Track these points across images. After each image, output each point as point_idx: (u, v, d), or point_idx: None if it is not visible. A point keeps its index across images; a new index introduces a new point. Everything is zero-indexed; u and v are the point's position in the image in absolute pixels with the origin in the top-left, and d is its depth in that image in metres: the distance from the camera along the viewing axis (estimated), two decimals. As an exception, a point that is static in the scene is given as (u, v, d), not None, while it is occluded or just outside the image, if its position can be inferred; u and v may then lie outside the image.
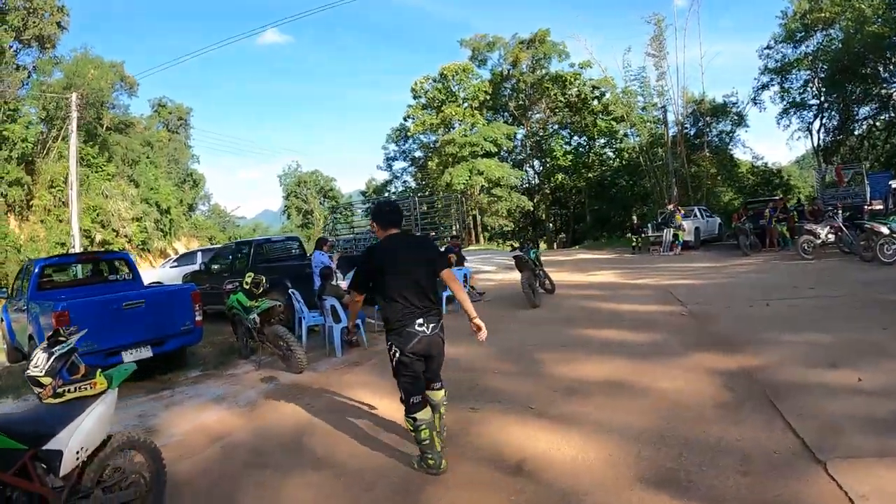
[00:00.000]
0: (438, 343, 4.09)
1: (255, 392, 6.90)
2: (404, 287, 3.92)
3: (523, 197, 42.06)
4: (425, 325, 3.92)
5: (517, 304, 11.05)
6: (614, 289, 12.66)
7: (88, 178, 32.85)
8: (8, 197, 27.67)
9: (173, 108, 53.80)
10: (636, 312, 9.42)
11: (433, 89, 44.12)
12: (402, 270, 3.95)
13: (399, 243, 4.12)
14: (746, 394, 4.88)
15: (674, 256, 19.63)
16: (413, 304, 3.91)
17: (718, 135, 36.08)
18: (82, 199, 30.52)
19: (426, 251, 4.26)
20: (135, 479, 3.52)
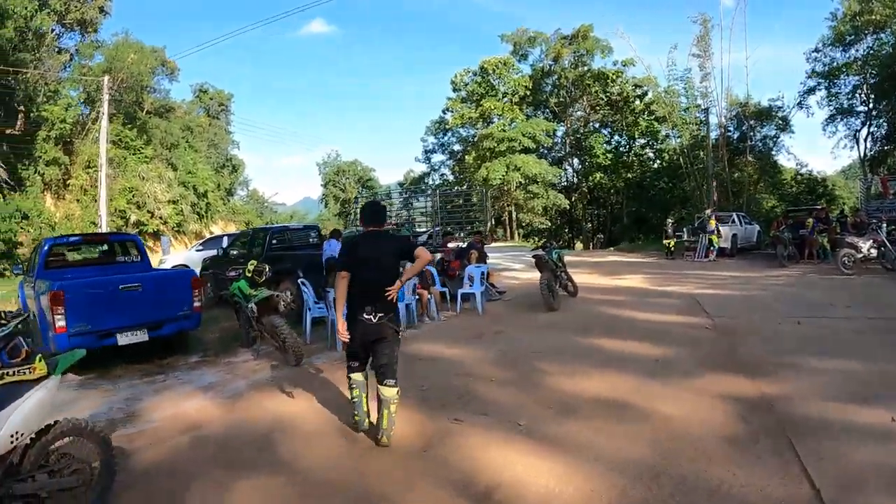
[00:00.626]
0: (385, 332, 4.38)
1: (244, 383, 6.60)
2: (362, 279, 4.36)
3: (560, 195, 41.24)
4: (372, 314, 4.30)
5: (535, 305, 10.53)
6: (639, 295, 12.02)
7: (126, 160, 33.17)
8: (45, 176, 28.02)
9: (214, 93, 54.02)
10: (656, 323, 8.81)
11: (473, 83, 43.51)
12: (363, 265, 4.37)
13: (370, 240, 4.52)
14: (762, 428, 4.30)
15: (708, 263, 18.80)
16: (366, 295, 4.33)
17: (762, 139, 34.63)
18: (119, 180, 31.52)
19: (393, 247, 4.59)
20: (81, 466, 3.42)
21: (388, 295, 4.32)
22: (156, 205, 33.24)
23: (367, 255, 4.40)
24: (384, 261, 4.44)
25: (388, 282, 4.35)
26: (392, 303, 4.41)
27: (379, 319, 4.31)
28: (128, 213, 31.54)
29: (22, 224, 24.42)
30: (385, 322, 4.35)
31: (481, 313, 10.23)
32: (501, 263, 20.34)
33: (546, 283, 10.06)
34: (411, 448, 4.33)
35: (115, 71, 31.05)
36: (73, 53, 31.52)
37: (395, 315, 4.50)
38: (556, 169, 42.55)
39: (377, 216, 4.64)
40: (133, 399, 6.09)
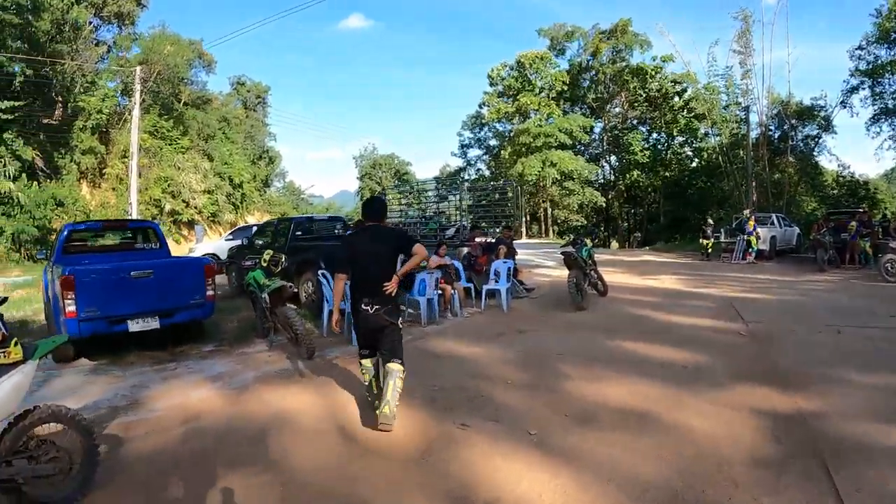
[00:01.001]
0: (383, 323, 4.51)
1: (253, 374, 6.39)
2: (360, 272, 4.57)
3: (596, 192, 40.52)
4: (370, 305, 4.46)
5: (563, 304, 10.14)
6: (672, 297, 11.49)
7: (162, 150, 33.35)
8: (81, 164, 28.32)
9: (252, 86, 54.07)
10: (687, 326, 8.34)
11: (510, 77, 42.97)
12: (361, 258, 4.56)
13: (367, 235, 4.72)
14: (796, 449, 3.86)
15: (745, 265, 18.07)
16: (364, 288, 4.51)
17: (803, 139, 33.35)
18: (154, 169, 31.73)
19: (390, 242, 4.65)
20: (60, 455, 3.34)
21: (385, 290, 4.41)
22: (190, 194, 33.40)
23: (364, 249, 4.59)
24: (380, 255, 4.54)
25: (385, 276, 4.45)
26: (390, 296, 4.47)
27: (376, 311, 4.46)
28: (163, 202, 31.71)
29: (57, 211, 24.75)
30: (381, 314, 4.47)
31: (506, 311, 9.88)
32: (533, 260, 19.96)
33: (574, 282, 9.66)
34: (410, 453, 4.03)
35: (151, 63, 31.31)
36: (110, 46, 31.89)
37: (393, 308, 4.61)
38: (593, 166, 41.81)
39: (376, 211, 4.81)
40: (140, 386, 5.95)
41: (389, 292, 4.43)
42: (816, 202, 33.07)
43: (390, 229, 5.40)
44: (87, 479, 3.48)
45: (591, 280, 10.37)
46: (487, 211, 14.80)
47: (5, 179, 21.69)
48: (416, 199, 15.43)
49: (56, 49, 24.37)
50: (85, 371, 6.70)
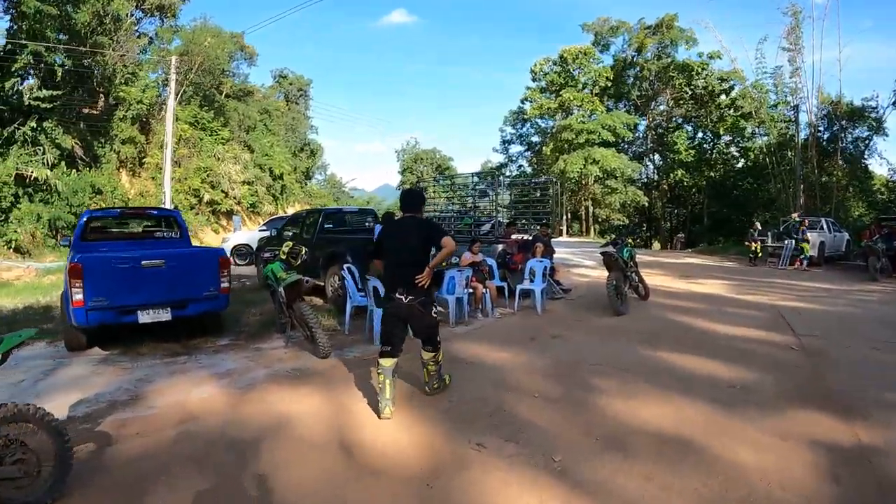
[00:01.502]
0: (416, 313, 4.63)
1: (264, 373, 6.02)
2: (394, 263, 4.73)
3: (638, 191, 39.35)
4: (403, 294, 4.59)
5: (600, 308, 9.54)
6: (717, 303, 10.72)
7: (202, 140, 33.59)
8: (121, 154, 28.58)
9: (294, 79, 54.34)
10: (735, 338, 7.64)
11: (552, 72, 42.06)
12: (393, 248, 4.73)
13: (401, 225, 4.91)
14: (857, 493, 3.27)
15: (792, 272, 17.08)
16: (397, 278, 4.65)
17: (853, 141, 31.52)
18: (194, 160, 31.98)
19: (420, 233, 4.69)
20: (27, 456, 3.16)
21: (417, 282, 4.51)
22: (230, 185, 33.54)
23: (396, 240, 4.75)
24: (412, 247, 4.63)
25: (415, 267, 4.56)
26: (422, 288, 4.57)
27: (409, 301, 4.58)
28: (201, 191, 31.92)
29: (95, 199, 24.98)
30: (414, 304, 4.59)
31: (540, 313, 9.33)
32: (571, 259, 19.30)
33: (613, 284, 9.04)
34: (415, 476, 3.55)
35: (191, 54, 31.61)
36: (152, 38, 32.06)
37: (427, 299, 4.69)
38: (636, 164, 40.63)
39: (413, 202, 4.94)
40: (145, 381, 5.66)
41: (422, 285, 4.53)
42: (865, 207, 31.45)
43: (422, 220, 5.10)
44: (58, 482, 3.25)
45: (631, 283, 9.75)
46: (527, 208, 14.26)
47: (43, 167, 21.95)
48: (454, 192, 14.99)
49: (97, 41, 24.56)
50: (94, 361, 6.44)
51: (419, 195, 5.28)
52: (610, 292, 9.03)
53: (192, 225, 30.97)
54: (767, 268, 18.53)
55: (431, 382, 4.93)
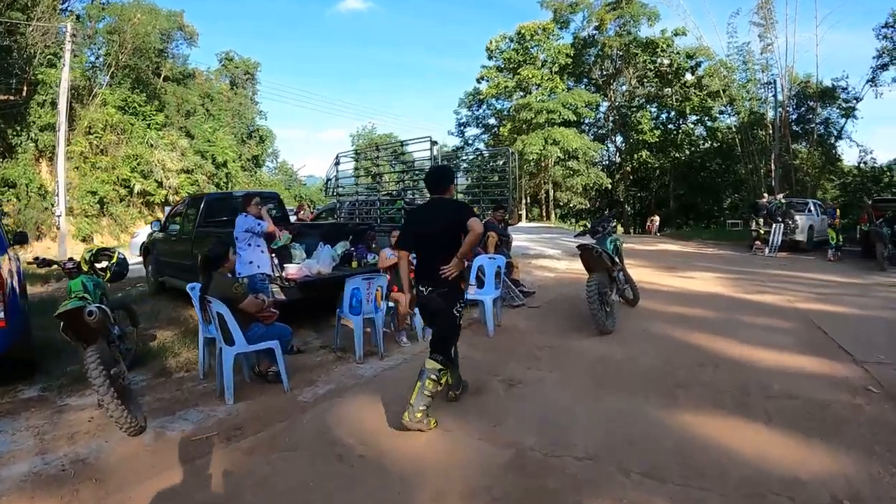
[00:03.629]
0: (436, 307, 4.03)
1: (24, 468, 3.52)
2: (420, 248, 4.11)
3: (601, 173, 36.86)
4: (426, 286, 4.02)
5: (577, 320, 6.95)
6: (725, 308, 8.22)
7: (133, 126, 30.47)
8: (39, 142, 25.34)
9: (240, 62, 50.69)
10: (784, 375, 5.06)
11: (509, 50, 39.15)
12: (418, 236, 4.11)
13: (426, 210, 4.37)
14: None
15: (785, 260, 14.74)
16: (423, 269, 4.06)
17: (823, 122, 29.94)
18: (124, 147, 29.19)
19: (446, 216, 4.02)
20: None
21: (442, 274, 3.85)
22: (164, 174, 30.57)
23: (421, 226, 4.17)
24: (438, 233, 3.98)
25: (443, 257, 3.90)
26: (447, 279, 3.89)
27: (429, 293, 4.01)
28: (132, 181, 28.93)
29: (7, 194, 22.15)
30: (434, 296, 3.98)
31: (491, 334, 6.55)
32: (532, 248, 16.47)
33: (596, 291, 6.28)
34: None
35: (121, 32, 29.09)
36: (78, 16, 28.86)
37: (448, 291, 3.96)
38: (598, 144, 38.13)
39: (437, 181, 4.20)
40: None
41: (446, 276, 3.85)
42: (837, 189, 29.74)
43: (449, 202, 4.29)
44: None
45: (618, 286, 6.98)
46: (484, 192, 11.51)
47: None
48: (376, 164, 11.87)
49: (11, 17, 20.99)
50: None
51: (446, 172, 4.49)
52: (592, 303, 6.29)
53: (124, 218, 28.41)
54: (754, 255, 16.17)
55: (416, 407, 3.81)
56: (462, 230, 3.88)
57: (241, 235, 6.10)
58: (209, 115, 41.52)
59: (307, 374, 5.41)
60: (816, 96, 29.08)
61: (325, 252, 6.89)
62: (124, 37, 29.05)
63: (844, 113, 28.81)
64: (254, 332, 4.84)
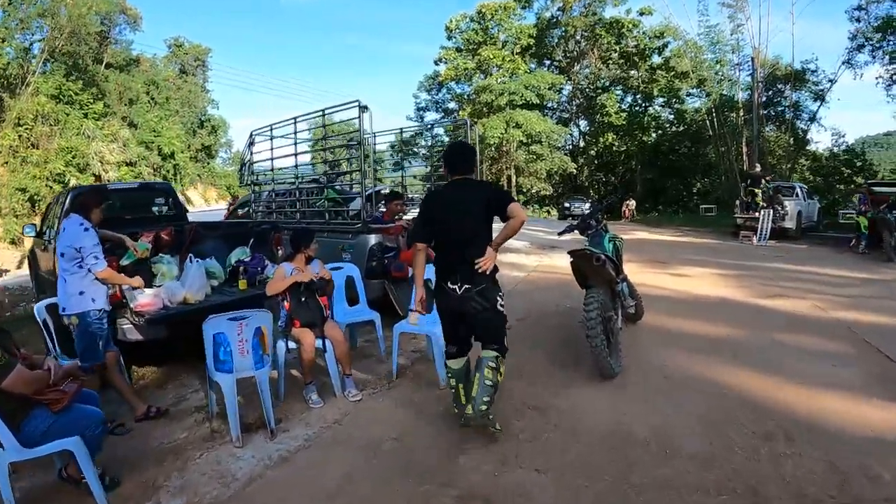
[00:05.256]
0: (474, 307, 3.37)
1: None
2: (444, 242, 3.49)
3: (566, 158, 34.98)
4: (457, 283, 3.37)
5: (562, 351, 5.02)
6: (744, 320, 6.36)
7: (68, 116, 27.93)
8: None
9: (190, 48, 48.16)
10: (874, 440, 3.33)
11: (469, 30, 36.91)
12: (443, 223, 3.45)
13: (450, 193, 3.54)
14: None
15: (779, 249, 13.09)
16: (449, 263, 3.43)
17: (793, 106, 28.47)
18: (57, 139, 26.85)
19: (478, 201, 3.37)
20: None
21: (478, 267, 3.24)
22: (103, 167, 27.99)
23: (446, 211, 3.44)
24: (468, 219, 3.36)
25: (474, 247, 3.30)
26: (483, 274, 3.27)
27: (464, 292, 3.36)
28: (67, 175, 26.10)
29: None
30: (474, 296, 3.35)
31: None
32: (495, 241, 14.45)
33: (598, 320, 4.19)
34: None
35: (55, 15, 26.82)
36: None
37: (488, 286, 3.37)
38: (563, 127, 36.24)
39: (463, 160, 3.56)
40: None
41: (483, 271, 3.24)
42: (809, 173, 28.59)
43: (480, 183, 3.86)
44: None
45: (623, 305, 4.93)
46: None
47: None
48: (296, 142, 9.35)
49: None
50: None
51: (471, 150, 3.73)
52: (594, 338, 4.19)
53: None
54: (741, 244, 14.53)
55: (480, 397, 3.29)
56: (499, 214, 3.33)
57: (66, 252, 3.85)
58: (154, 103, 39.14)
59: (153, 467, 3.34)
60: (785, 79, 27.83)
61: (195, 271, 4.68)
62: (59, 20, 26.87)
63: (816, 96, 27.56)
64: (34, 427, 2.76)
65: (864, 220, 12.74)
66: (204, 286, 4.64)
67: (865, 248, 12.49)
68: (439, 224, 3.47)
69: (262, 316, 3.66)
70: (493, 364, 3.36)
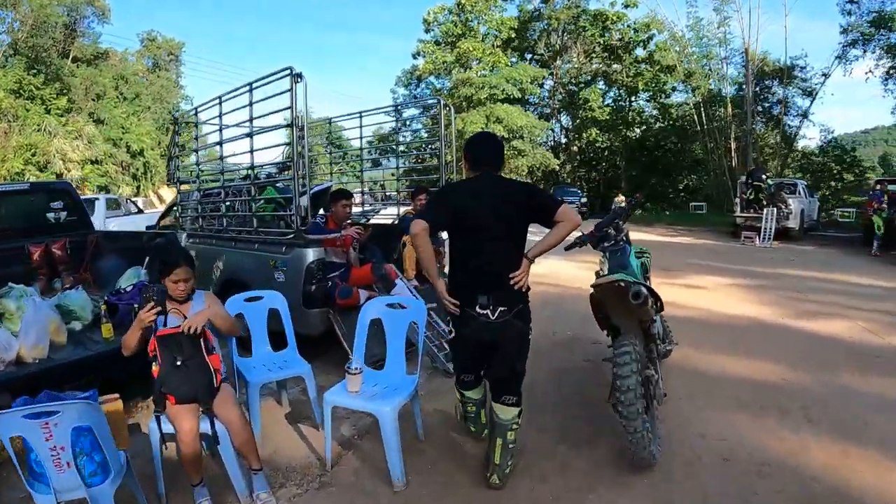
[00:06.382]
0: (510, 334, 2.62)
1: None
2: (468, 250, 2.64)
3: (548, 153, 33.62)
4: (489, 306, 2.56)
5: (571, 422, 3.65)
6: (794, 349, 5.09)
7: (28, 111, 26.61)
8: None
9: (163, 42, 45.16)
10: None
11: (448, 22, 35.37)
12: (468, 229, 2.61)
13: (479, 187, 2.65)
14: None
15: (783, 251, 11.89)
16: (477, 276, 2.60)
17: (780, 102, 27.51)
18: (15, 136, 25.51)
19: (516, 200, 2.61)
20: None
21: (513, 282, 2.55)
22: (65, 166, 26.44)
23: (471, 215, 2.57)
24: (502, 224, 2.58)
25: (510, 258, 2.59)
26: (519, 291, 2.59)
27: (500, 316, 2.55)
28: (26, 174, 24.68)
29: None
30: (510, 320, 2.58)
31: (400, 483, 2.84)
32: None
33: (633, 388, 2.67)
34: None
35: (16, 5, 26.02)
36: None
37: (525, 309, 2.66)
38: (545, 122, 34.86)
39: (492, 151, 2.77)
40: None
41: (520, 286, 2.56)
42: (797, 171, 27.70)
43: (514, 181, 2.91)
44: None
45: (658, 351, 3.44)
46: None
47: None
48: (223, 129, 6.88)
49: None
50: None
51: (500, 141, 2.92)
52: (631, 419, 2.66)
53: None
54: (742, 245, 13.32)
55: (504, 462, 2.71)
56: (542, 220, 2.58)
57: None
58: (123, 98, 36.86)
59: None
60: (773, 75, 27.01)
61: (31, 313, 3.12)
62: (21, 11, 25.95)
63: (805, 92, 26.68)
64: None
65: (880, 219, 11.53)
66: (44, 337, 3.08)
67: (879, 250, 11.30)
68: (463, 232, 2.66)
69: (86, 410, 2.16)
70: (517, 426, 2.75)
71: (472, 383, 2.93)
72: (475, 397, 2.98)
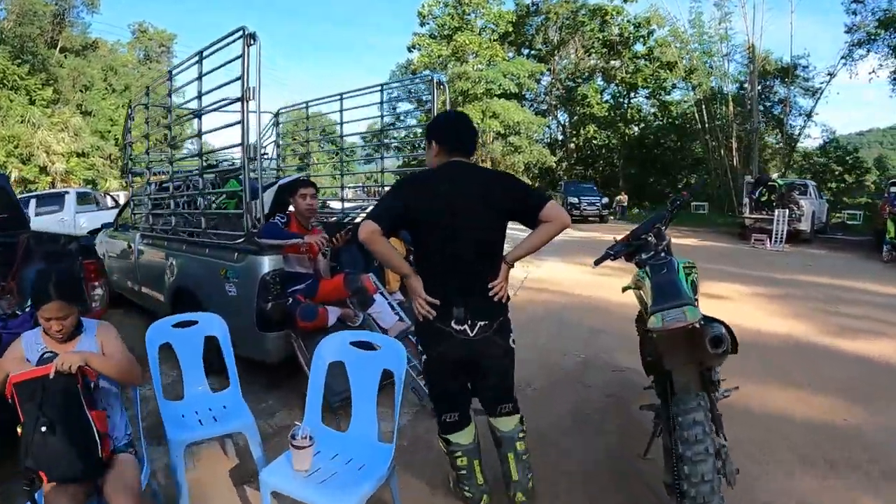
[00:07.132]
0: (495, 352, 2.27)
1: None
2: (444, 253, 2.20)
3: (545, 150, 32.84)
4: (466, 321, 2.18)
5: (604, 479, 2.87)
6: (852, 378, 4.32)
7: (12, 102, 26.20)
8: None
9: (155, 33, 44.71)
10: None
11: (444, 15, 34.49)
12: (440, 228, 2.18)
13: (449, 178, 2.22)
14: None
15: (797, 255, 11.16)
16: (449, 285, 2.19)
17: (781, 101, 27.02)
18: None
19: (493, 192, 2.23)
20: None
21: (492, 292, 2.21)
22: (49, 158, 25.87)
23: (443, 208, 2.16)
24: (479, 222, 2.20)
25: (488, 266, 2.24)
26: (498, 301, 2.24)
27: (480, 332, 2.19)
28: (8, 168, 24.08)
29: None
30: (491, 336, 2.22)
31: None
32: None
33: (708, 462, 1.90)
34: None
35: None
36: None
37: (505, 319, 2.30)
38: (542, 118, 34.09)
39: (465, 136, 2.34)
40: None
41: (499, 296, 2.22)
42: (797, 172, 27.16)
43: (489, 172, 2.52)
44: None
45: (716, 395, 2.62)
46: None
47: None
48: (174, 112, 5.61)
49: None
50: None
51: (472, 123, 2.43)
52: None
53: None
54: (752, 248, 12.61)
55: (524, 476, 2.34)
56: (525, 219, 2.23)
57: None
58: (112, 90, 36.18)
59: None
60: (776, 74, 26.45)
61: None
62: None
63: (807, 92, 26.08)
64: None
65: (893, 224, 10.80)
66: None
67: (888, 255, 10.59)
68: (431, 228, 2.20)
69: None
70: (523, 433, 2.40)
71: (457, 424, 2.39)
72: (464, 443, 2.40)
